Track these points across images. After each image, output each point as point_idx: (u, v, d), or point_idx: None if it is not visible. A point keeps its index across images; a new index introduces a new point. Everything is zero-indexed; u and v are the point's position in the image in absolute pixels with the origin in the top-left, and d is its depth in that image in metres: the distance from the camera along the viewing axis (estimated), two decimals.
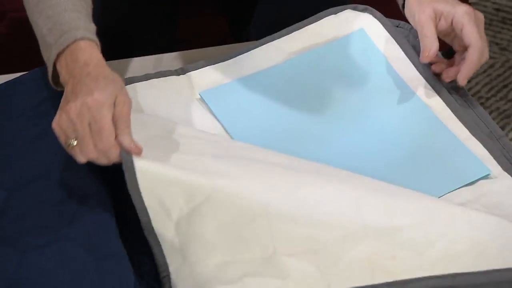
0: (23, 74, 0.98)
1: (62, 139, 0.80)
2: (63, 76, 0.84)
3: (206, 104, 0.98)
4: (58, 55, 0.85)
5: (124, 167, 0.78)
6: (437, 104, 0.97)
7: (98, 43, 0.86)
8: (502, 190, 0.89)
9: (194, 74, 1.01)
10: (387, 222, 0.82)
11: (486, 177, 0.90)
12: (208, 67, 1.02)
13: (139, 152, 0.79)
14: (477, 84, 1.93)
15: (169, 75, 1.01)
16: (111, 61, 0.94)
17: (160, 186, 0.79)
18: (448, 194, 0.89)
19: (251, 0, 1.23)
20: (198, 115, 0.97)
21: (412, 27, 1.02)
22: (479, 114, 0.97)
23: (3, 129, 0.91)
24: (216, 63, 1.03)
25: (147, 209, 0.79)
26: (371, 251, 0.80)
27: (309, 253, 0.80)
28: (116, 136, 0.78)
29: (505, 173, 0.90)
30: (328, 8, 1.06)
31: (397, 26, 1.05)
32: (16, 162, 0.87)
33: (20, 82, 0.96)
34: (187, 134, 0.89)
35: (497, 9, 2.09)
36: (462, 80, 0.94)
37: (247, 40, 1.13)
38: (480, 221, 0.83)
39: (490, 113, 1.86)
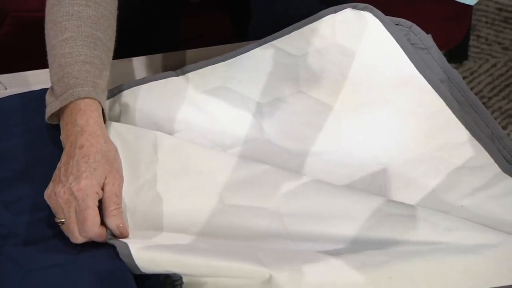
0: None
1: (53, 212, 0.82)
2: (62, 135, 0.86)
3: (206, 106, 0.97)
4: (61, 108, 0.87)
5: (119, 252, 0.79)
6: (437, 104, 0.96)
7: (102, 99, 0.88)
8: (503, 193, 0.88)
9: (193, 74, 1.00)
10: (382, 250, 0.82)
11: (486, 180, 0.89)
12: (207, 67, 1.01)
13: (125, 236, 0.81)
14: (479, 83, 1.92)
15: (168, 77, 1.00)
16: (113, 60, 0.94)
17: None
18: (450, 199, 0.88)
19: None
20: (198, 117, 0.96)
21: (412, 25, 1.01)
22: (480, 113, 0.95)
23: (16, 147, 0.91)
24: (216, 63, 1.01)
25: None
26: (367, 273, 0.79)
27: (303, 275, 0.78)
28: (105, 217, 0.81)
29: (505, 174, 0.90)
30: (327, 7, 1.05)
31: (397, 24, 1.03)
32: (26, 186, 0.87)
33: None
34: (174, 168, 0.89)
35: (500, 9, 2.08)
36: None
37: (249, 40, 1.13)
38: (471, 244, 0.82)
39: (493, 112, 1.85)
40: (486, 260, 0.81)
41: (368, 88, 0.99)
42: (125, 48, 1.00)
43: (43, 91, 0.92)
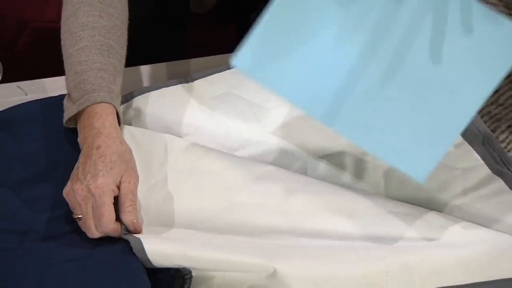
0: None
1: (71, 208, 0.83)
2: (80, 137, 0.87)
3: (213, 111, 0.98)
4: (78, 112, 0.88)
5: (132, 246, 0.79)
6: None
7: (117, 103, 0.88)
8: (492, 193, 0.88)
9: (201, 81, 1.01)
10: (379, 246, 0.82)
11: (477, 180, 0.90)
12: (215, 74, 1.02)
13: (139, 231, 0.82)
14: None
15: (178, 83, 1.00)
16: (124, 68, 0.94)
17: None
18: (443, 198, 0.88)
19: (255, 9, 1.23)
20: (206, 121, 0.97)
21: None
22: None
23: (36, 150, 0.92)
24: (223, 71, 1.02)
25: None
26: (366, 268, 0.80)
27: (305, 269, 0.79)
28: (120, 213, 0.82)
29: (495, 176, 0.90)
30: None
31: None
32: (45, 185, 0.88)
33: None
34: (183, 169, 0.90)
35: None
36: None
37: None
38: (463, 241, 0.83)
39: (482, 117, 1.84)
40: (478, 255, 0.81)
41: None
42: (135, 56, 1.01)
43: (61, 96, 0.93)
